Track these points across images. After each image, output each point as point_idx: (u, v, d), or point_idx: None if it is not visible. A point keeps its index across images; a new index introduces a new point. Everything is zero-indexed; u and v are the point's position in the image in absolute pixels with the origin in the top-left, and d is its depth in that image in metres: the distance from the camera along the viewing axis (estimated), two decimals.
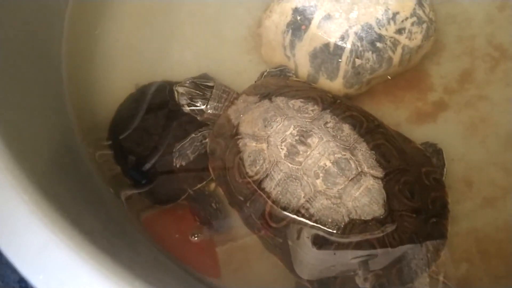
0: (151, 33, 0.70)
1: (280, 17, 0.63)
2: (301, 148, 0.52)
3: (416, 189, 0.53)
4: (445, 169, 0.57)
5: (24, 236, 0.34)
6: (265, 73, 0.63)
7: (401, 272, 0.51)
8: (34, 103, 0.53)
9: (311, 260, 0.52)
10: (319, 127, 0.53)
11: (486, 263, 0.55)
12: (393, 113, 0.63)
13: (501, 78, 0.64)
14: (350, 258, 0.51)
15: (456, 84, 0.64)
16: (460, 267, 0.55)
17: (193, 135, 0.60)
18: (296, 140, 0.53)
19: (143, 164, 0.61)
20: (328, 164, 0.51)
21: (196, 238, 0.57)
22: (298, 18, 0.62)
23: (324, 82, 0.62)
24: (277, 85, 0.60)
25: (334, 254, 0.51)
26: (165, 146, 0.61)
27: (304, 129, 0.53)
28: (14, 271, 0.81)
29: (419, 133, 0.61)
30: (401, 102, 0.64)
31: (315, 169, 0.51)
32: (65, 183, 0.48)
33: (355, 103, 0.61)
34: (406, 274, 0.51)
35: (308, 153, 0.52)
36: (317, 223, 0.51)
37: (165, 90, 0.65)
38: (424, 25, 0.61)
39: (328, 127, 0.53)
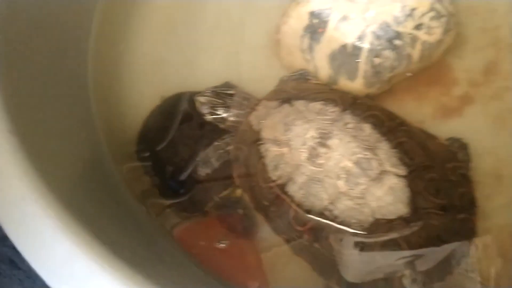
0: (174, 46, 0.72)
1: (296, 21, 0.64)
2: (321, 150, 0.52)
3: (442, 185, 0.52)
4: (471, 164, 0.56)
5: (49, 249, 0.36)
6: (285, 78, 0.64)
7: (443, 270, 0.50)
8: (62, 121, 0.56)
9: (355, 263, 0.52)
10: (340, 129, 0.53)
11: None
12: (417, 110, 0.62)
13: None
14: (394, 259, 0.51)
15: (481, 77, 0.63)
16: (494, 263, 0.54)
17: (216, 143, 0.61)
18: (316, 142, 0.53)
19: (180, 173, 0.62)
20: (350, 164, 0.51)
21: (223, 245, 0.58)
22: (315, 21, 0.62)
23: (344, 83, 0.62)
24: (297, 89, 0.61)
25: (375, 256, 0.51)
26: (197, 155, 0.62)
27: (324, 131, 0.53)
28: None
29: (446, 129, 0.59)
30: (425, 98, 0.63)
31: (336, 170, 0.51)
32: (92, 197, 0.51)
33: (377, 102, 0.61)
34: (448, 271, 0.51)
35: (329, 154, 0.52)
36: (341, 225, 0.51)
37: (190, 100, 0.67)
38: (443, 19, 0.60)
39: (348, 128, 0.53)
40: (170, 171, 0.63)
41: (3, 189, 0.38)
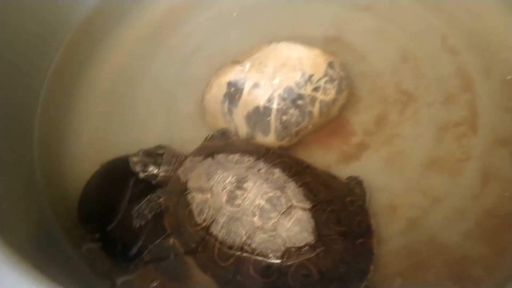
0: (114, 114, 0.82)
1: (217, 90, 0.75)
2: (238, 192, 0.61)
3: (342, 215, 0.61)
4: (367, 197, 0.66)
5: None
6: (209, 137, 0.74)
7: None
8: (7, 185, 0.62)
9: None
10: (254, 173, 0.62)
11: (417, 275, 0.62)
12: (324, 158, 0.73)
13: (409, 117, 0.75)
14: None
15: (374, 127, 0.75)
16: (394, 282, 0.62)
17: (149, 196, 0.68)
18: (234, 186, 0.62)
19: (130, 250, 0.67)
20: (262, 202, 0.59)
21: (154, 284, 0.63)
22: (232, 89, 0.74)
23: (260, 138, 0.73)
24: (219, 145, 0.70)
25: None
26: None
27: (240, 177, 0.62)
28: None
29: (347, 171, 0.70)
30: (329, 148, 0.74)
31: (251, 208, 0.59)
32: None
33: (288, 152, 0.71)
34: None
35: (245, 195, 0.61)
36: (259, 256, 0.58)
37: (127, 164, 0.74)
38: (336, 82, 0.73)
39: (261, 172, 0.62)
40: (119, 250, 0.68)
41: None
